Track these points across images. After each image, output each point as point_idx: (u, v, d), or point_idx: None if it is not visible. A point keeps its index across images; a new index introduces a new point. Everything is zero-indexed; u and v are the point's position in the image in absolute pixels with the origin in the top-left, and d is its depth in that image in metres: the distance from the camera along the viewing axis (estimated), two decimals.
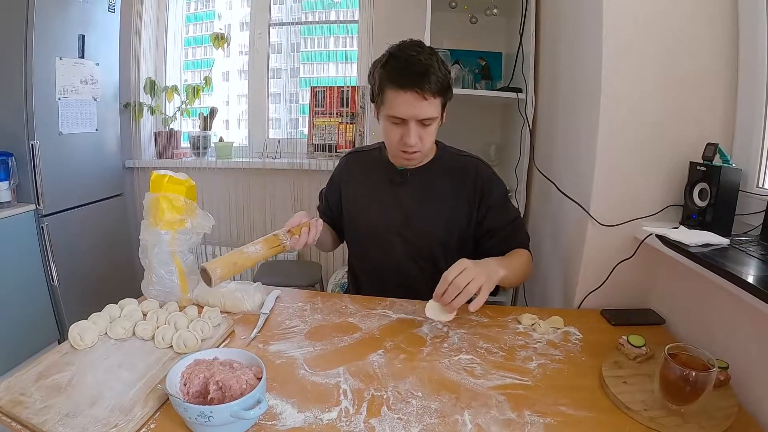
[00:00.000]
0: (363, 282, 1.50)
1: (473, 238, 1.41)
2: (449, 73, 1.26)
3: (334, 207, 1.53)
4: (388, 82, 1.21)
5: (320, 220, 1.28)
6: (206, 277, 1.08)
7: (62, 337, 2.36)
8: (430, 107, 1.21)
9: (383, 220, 1.40)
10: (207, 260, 1.20)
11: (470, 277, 1.07)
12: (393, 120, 1.24)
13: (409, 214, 1.38)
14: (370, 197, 1.43)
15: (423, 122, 1.23)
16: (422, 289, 1.34)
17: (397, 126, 1.25)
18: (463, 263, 1.10)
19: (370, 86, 1.31)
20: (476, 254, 1.42)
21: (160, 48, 3.04)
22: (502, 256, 1.30)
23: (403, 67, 1.19)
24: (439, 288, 1.08)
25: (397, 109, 1.21)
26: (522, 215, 2.12)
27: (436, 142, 1.40)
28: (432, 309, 1.12)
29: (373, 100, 1.32)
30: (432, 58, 1.21)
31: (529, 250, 1.40)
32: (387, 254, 1.41)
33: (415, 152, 1.28)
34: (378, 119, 1.32)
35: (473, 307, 1.08)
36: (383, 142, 1.45)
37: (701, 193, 1.16)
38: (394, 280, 1.41)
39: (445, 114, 1.30)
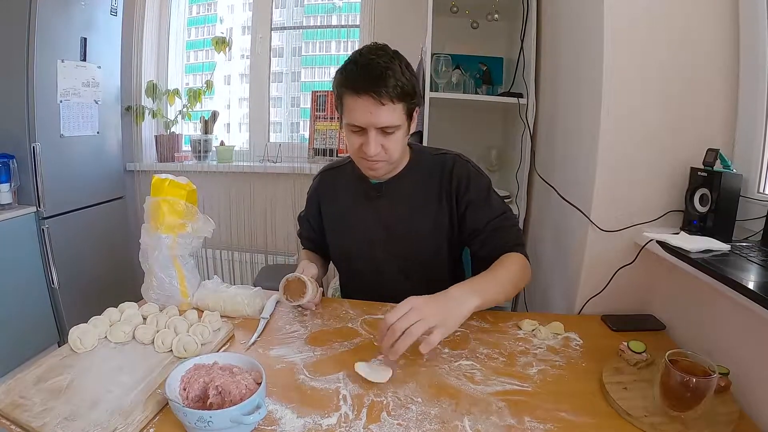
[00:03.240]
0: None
1: (460, 242, 1.35)
2: (415, 77, 1.19)
3: (317, 229, 1.47)
4: (345, 87, 1.15)
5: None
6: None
7: (62, 340, 2.36)
8: (390, 114, 1.14)
9: (366, 238, 1.35)
10: (206, 265, 1.19)
11: (414, 318, 0.92)
12: (351, 128, 1.17)
13: (392, 227, 1.33)
14: (349, 215, 1.37)
15: (384, 130, 1.16)
16: None
17: (356, 134, 1.18)
18: (410, 302, 0.96)
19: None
20: (471, 259, 1.40)
21: (162, 51, 3.05)
22: (480, 276, 1.16)
23: (359, 72, 1.13)
24: (379, 332, 0.95)
25: (354, 116, 1.15)
26: (522, 220, 2.12)
27: (410, 145, 1.33)
28: (364, 368, 0.94)
29: (337, 109, 1.24)
30: (394, 61, 1.14)
31: (521, 251, 1.25)
32: (376, 272, 1.37)
33: (378, 162, 1.21)
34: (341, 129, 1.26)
35: (423, 348, 0.91)
36: None
37: (702, 198, 1.17)
38: (388, 297, 1.31)
39: (413, 123, 1.23)
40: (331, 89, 1.24)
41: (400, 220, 1.32)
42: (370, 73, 1.12)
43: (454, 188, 1.29)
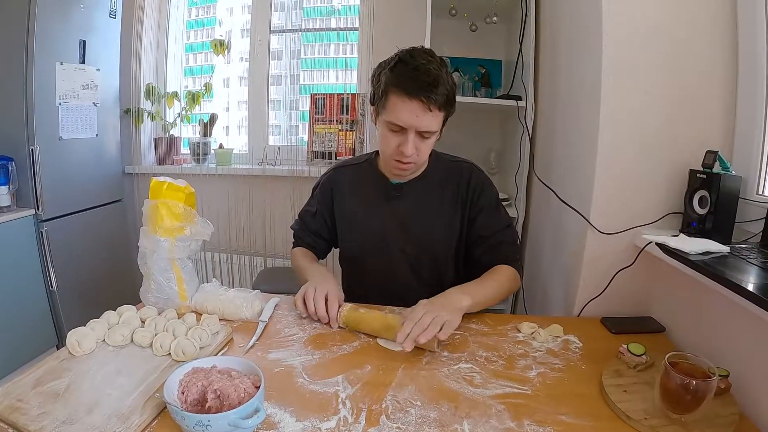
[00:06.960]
0: (364, 301, 1.36)
1: (467, 245, 1.38)
2: (455, 86, 1.22)
3: (330, 224, 1.47)
4: (394, 86, 1.16)
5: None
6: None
7: (60, 343, 2.35)
8: (433, 120, 1.18)
9: (382, 236, 1.37)
10: (205, 267, 1.19)
11: (432, 316, 1.03)
12: (391, 127, 1.20)
13: (408, 227, 1.35)
14: (367, 212, 1.39)
15: (422, 134, 1.19)
16: None
17: (395, 134, 1.21)
18: (420, 309, 1.07)
19: (372, 88, 1.26)
20: (467, 264, 1.40)
21: (161, 54, 3.05)
22: (472, 282, 1.26)
23: (412, 74, 1.14)
24: (405, 328, 1.02)
25: (399, 117, 1.17)
26: (522, 223, 2.12)
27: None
28: (384, 342, 1.12)
29: (372, 103, 1.26)
30: (442, 69, 1.17)
31: (515, 266, 1.33)
32: (388, 271, 1.38)
33: (410, 163, 1.24)
34: (375, 123, 1.28)
35: (443, 335, 1.02)
36: (372, 154, 1.43)
37: (701, 200, 1.17)
38: (397, 296, 1.33)
39: (443, 129, 1.26)
40: (371, 83, 1.26)
41: (418, 221, 1.35)
42: (424, 77, 1.14)
43: (470, 195, 1.34)
